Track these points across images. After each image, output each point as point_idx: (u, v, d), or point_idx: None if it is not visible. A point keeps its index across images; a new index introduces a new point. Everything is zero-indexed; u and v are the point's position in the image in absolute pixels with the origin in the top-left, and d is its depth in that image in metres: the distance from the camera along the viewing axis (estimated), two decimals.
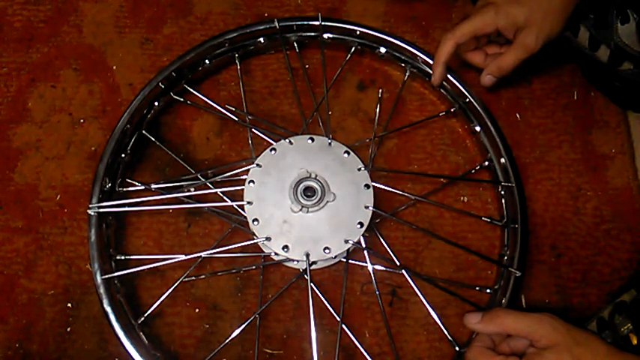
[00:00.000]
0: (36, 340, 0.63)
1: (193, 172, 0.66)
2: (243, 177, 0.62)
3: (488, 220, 0.66)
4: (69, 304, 0.64)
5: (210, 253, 0.62)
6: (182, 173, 0.67)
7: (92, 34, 0.74)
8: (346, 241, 0.59)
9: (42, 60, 0.73)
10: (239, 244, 0.61)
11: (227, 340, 0.60)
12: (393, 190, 0.64)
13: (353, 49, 0.71)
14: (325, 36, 0.70)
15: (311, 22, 0.69)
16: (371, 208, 0.60)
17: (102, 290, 0.58)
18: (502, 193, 0.66)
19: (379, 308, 0.63)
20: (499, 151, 0.65)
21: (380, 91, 0.72)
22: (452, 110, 0.70)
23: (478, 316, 0.54)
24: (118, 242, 0.65)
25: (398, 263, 0.63)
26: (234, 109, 0.70)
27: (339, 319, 0.61)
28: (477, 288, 0.64)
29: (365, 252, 0.63)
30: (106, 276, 0.59)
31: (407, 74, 0.71)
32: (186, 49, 0.68)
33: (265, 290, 0.64)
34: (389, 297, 0.65)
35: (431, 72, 0.68)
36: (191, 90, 0.69)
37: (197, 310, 0.64)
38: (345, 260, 0.64)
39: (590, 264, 0.66)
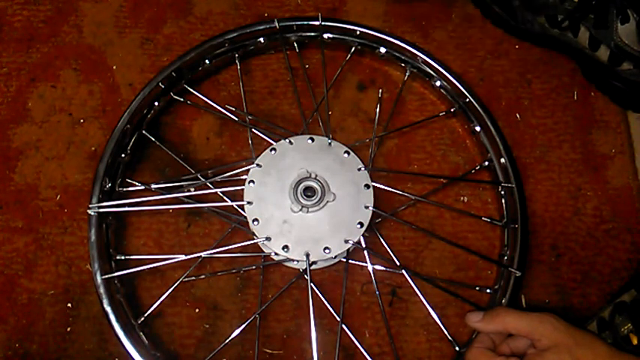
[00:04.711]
0: (36, 340, 0.63)
1: (193, 172, 0.66)
2: (243, 177, 0.62)
3: (488, 220, 0.66)
4: (69, 304, 0.64)
5: (210, 253, 0.62)
6: (182, 173, 0.67)
7: (92, 34, 0.74)
8: (346, 241, 0.59)
9: (42, 60, 0.73)
10: (239, 244, 0.61)
11: (227, 340, 0.60)
12: (393, 190, 0.64)
13: (353, 49, 0.71)
14: (325, 36, 0.70)
15: (311, 22, 0.69)
16: (371, 208, 0.60)
17: (102, 290, 0.58)
18: (502, 193, 0.66)
19: (379, 308, 0.63)
20: (499, 151, 0.65)
21: (380, 91, 0.72)
22: (452, 110, 0.70)
23: (479, 315, 0.54)
24: (118, 242, 0.65)
25: (398, 263, 0.63)
26: (234, 109, 0.69)
27: (339, 319, 0.61)
28: (477, 288, 0.64)
29: (365, 252, 0.63)
30: (106, 276, 0.59)
31: (407, 74, 0.71)
32: (186, 49, 0.68)
33: (265, 290, 0.64)
34: (389, 297, 0.65)
35: (431, 72, 0.68)
36: (191, 90, 0.69)
37: (197, 310, 0.64)
38: (345, 260, 0.64)
39: (590, 264, 0.66)
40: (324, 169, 0.61)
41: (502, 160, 0.65)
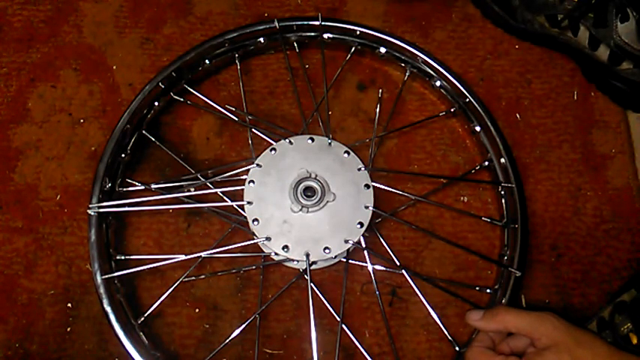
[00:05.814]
0: (36, 340, 0.63)
1: (193, 172, 0.66)
2: (243, 177, 0.62)
3: (488, 220, 0.66)
4: (69, 304, 0.64)
5: (210, 253, 0.62)
6: (182, 173, 0.67)
7: (92, 34, 0.74)
8: (346, 241, 0.59)
9: (42, 60, 0.73)
10: (239, 244, 0.61)
11: (227, 340, 0.60)
12: (393, 190, 0.64)
13: (353, 49, 0.71)
14: (325, 36, 0.70)
15: (311, 22, 0.69)
16: (371, 208, 0.60)
17: (102, 290, 0.58)
18: (502, 193, 0.66)
19: (379, 308, 0.63)
20: (499, 151, 0.65)
21: (380, 91, 0.72)
22: (452, 110, 0.70)
23: (480, 314, 0.55)
24: (118, 242, 0.65)
25: (398, 263, 0.63)
26: (234, 109, 0.69)
27: (339, 319, 0.61)
28: (477, 288, 0.64)
29: (365, 252, 0.63)
30: (106, 276, 0.59)
31: (407, 74, 0.71)
32: (186, 49, 0.68)
33: (265, 290, 0.64)
34: (389, 297, 0.65)
35: (431, 72, 0.68)
36: (191, 90, 0.69)
37: (197, 310, 0.64)
38: (345, 260, 0.64)
39: (590, 264, 0.66)
40: (324, 169, 0.61)
41: (502, 160, 0.65)
